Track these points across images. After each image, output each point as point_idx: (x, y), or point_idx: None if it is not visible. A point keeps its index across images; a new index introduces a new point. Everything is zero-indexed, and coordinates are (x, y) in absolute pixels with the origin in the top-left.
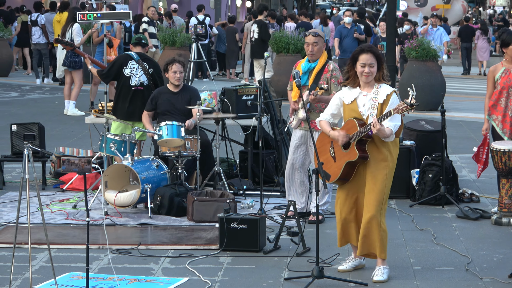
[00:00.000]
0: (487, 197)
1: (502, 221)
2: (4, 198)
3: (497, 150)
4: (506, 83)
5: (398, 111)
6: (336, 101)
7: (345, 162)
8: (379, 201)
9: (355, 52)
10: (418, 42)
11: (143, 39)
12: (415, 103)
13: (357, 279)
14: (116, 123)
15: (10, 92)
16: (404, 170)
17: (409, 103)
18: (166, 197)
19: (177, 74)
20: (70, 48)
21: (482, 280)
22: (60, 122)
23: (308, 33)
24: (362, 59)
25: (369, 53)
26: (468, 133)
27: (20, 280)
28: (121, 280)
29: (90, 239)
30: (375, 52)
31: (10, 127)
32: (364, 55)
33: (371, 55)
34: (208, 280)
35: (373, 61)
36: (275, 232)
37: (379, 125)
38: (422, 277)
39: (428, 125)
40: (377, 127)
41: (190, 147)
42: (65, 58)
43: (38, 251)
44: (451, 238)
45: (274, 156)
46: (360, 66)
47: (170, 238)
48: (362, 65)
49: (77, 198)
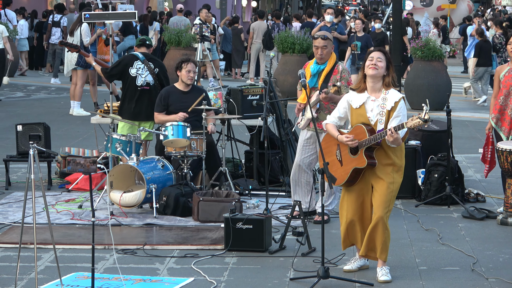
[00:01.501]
0: (493, 197)
1: (508, 221)
2: (10, 198)
3: (503, 150)
4: (508, 82)
5: (411, 125)
6: (344, 104)
7: (353, 168)
8: (387, 204)
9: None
10: (424, 42)
11: (147, 40)
12: (429, 118)
13: (362, 279)
14: (122, 123)
15: (16, 92)
16: (409, 170)
17: (423, 119)
18: (171, 197)
19: (191, 73)
20: (75, 50)
21: (488, 280)
22: (65, 122)
23: (317, 36)
24: (371, 55)
25: (379, 52)
26: (473, 133)
27: (26, 280)
28: (127, 280)
29: (96, 239)
30: (385, 52)
31: (16, 127)
32: (373, 53)
33: (381, 53)
34: (213, 280)
35: (382, 57)
36: (280, 232)
37: (396, 134)
38: (428, 277)
39: (433, 125)
40: (395, 136)
41: (196, 147)
42: (78, 57)
43: (44, 251)
44: (456, 238)
45: (279, 156)
46: (369, 60)
47: (176, 238)
48: (370, 59)
49: (82, 198)
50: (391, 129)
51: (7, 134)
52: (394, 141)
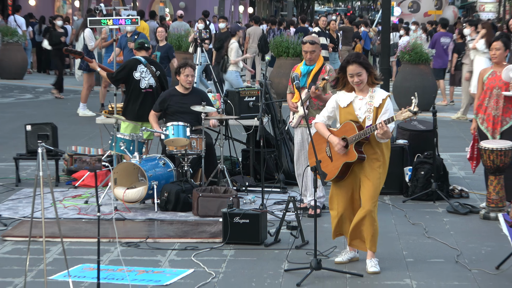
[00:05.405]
0: (476, 193)
1: (490, 216)
2: (20, 194)
3: (486, 149)
4: (491, 84)
5: (401, 118)
6: (332, 104)
7: (343, 162)
8: (374, 197)
9: (343, 63)
10: (411, 47)
11: (145, 43)
12: (418, 110)
13: (352, 270)
14: (125, 123)
15: (24, 94)
16: (397, 168)
17: (412, 111)
18: (172, 193)
19: (189, 77)
20: (79, 56)
21: (471, 271)
22: (72, 122)
23: (306, 41)
24: (349, 70)
25: (355, 64)
26: (458, 132)
27: (35, 271)
28: (130, 271)
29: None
30: (360, 62)
31: (25, 127)
32: (350, 66)
33: (357, 65)
34: (212, 272)
35: (360, 70)
36: (275, 226)
37: (386, 127)
38: (414, 268)
39: (420, 125)
40: (385, 128)
41: (195, 146)
42: (81, 61)
43: (52, 244)
44: (441, 232)
45: (274, 154)
46: (349, 77)
47: (176, 232)
48: (351, 76)
49: (88, 194)
50: (381, 122)
51: (17, 134)
52: (384, 134)
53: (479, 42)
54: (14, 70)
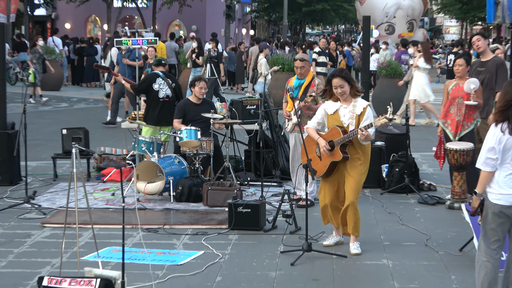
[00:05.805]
0: (442, 187)
1: (454, 206)
2: (57, 188)
3: (451, 149)
4: (455, 94)
5: (379, 123)
6: (321, 112)
7: (330, 161)
8: (357, 191)
9: (329, 77)
10: (388, 63)
11: (162, 60)
12: (393, 117)
13: (338, 252)
14: (146, 128)
15: (61, 103)
16: (376, 165)
17: (388, 118)
18: (186, 187)
19: (203, 89)
20: (107, 71)
21: (438, 253)
22: (101, 127)
23: (297, 58)
24: (334, 82)
25: (338, 77)
26: (426, 135)
27: (70, 253)
28: (150, 253)
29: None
30: (343, 76)
31: (61, 131)
32: (334, 79)
33: (340, 78)
34: (219, 253)
35: (343, 83)
36: (273, 215)
37: (366, 132)
38: (390, 250)
39: (395, 129)
40: (366, 133)
41: (205, 147)
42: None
43: (84, 230)
44: (413, 219)
45: (272, 154)
46: (334, 88)
47: (189, 220)
48: (335, 87)
49: (115, 188)
50: (361, 128)
51: (54, 137)
52: (366, 138)
53: (419, 60)
54: (52, 83)
